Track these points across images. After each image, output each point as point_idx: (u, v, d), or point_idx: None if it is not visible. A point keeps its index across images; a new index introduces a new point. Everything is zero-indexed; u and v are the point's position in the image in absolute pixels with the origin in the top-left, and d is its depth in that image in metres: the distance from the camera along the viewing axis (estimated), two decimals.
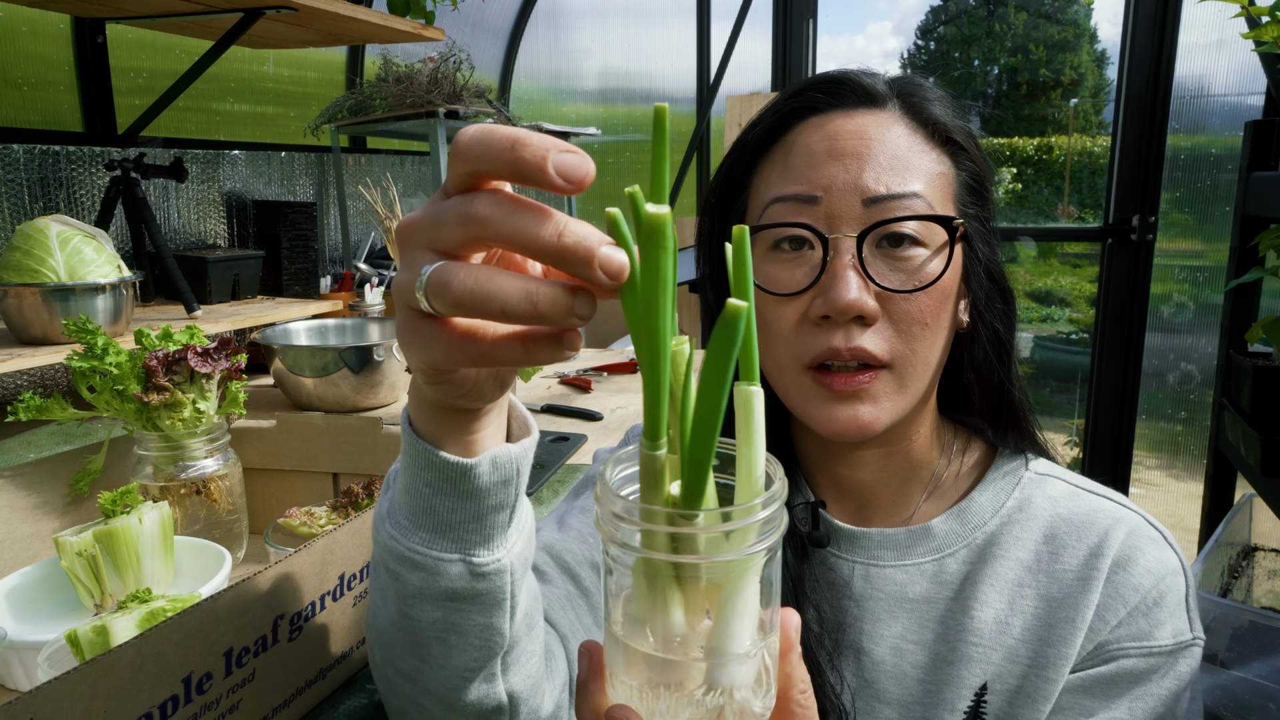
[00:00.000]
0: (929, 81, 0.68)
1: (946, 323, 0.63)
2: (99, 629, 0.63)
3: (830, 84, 0.65)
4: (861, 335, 0.60)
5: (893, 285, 0.60)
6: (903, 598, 0.67)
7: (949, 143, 0.64)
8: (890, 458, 0.69)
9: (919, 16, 4.23)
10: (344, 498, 0.93)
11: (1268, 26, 1.45)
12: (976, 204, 0.65)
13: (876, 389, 0.61)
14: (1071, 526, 0.66)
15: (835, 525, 0.70)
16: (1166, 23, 2.72)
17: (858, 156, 0.61)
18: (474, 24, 3.42)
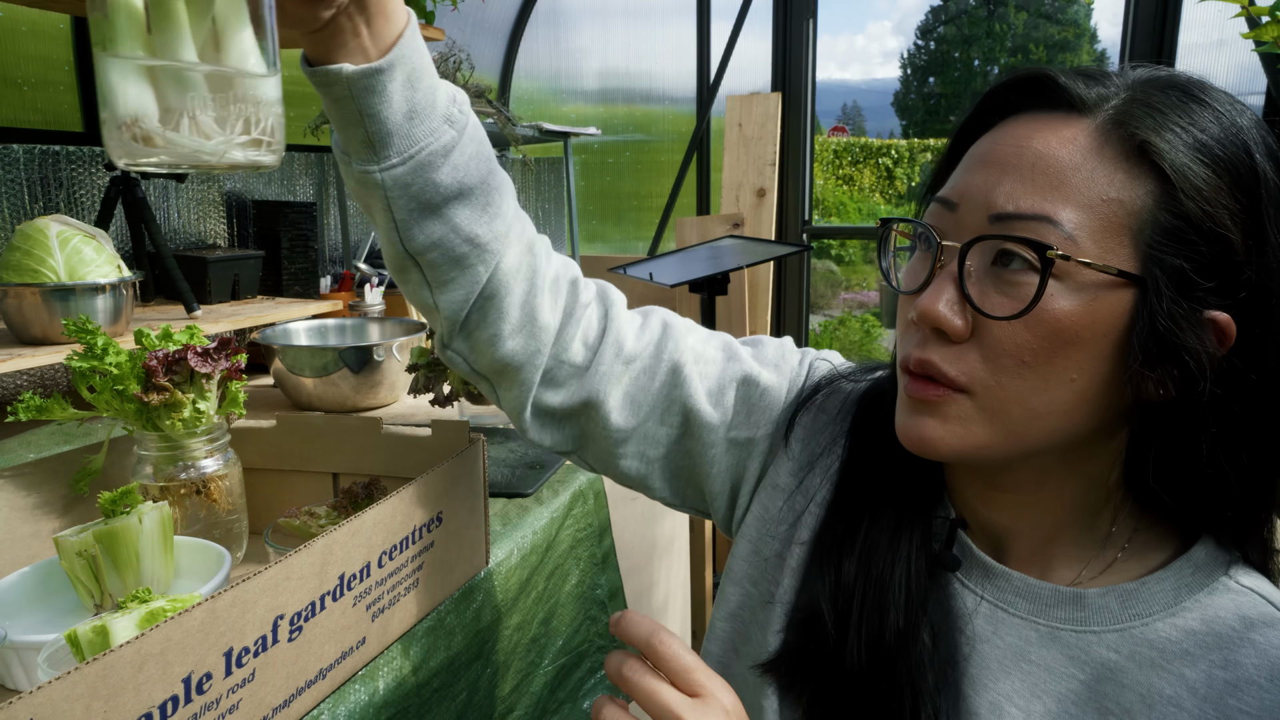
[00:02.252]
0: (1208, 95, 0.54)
1: (1075, 373, 0.53)
2: (99, 629, 0.63)
3: (1027, 83, 0.58)
4: (938, 350, 0.56)
5: (985, 307, 0.54)
6: (1023, 656, 0.59)
7: (1153, 166, 0.52)
8: (1027, 508, 0.61)
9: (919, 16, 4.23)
10: (344, 498, 0.93)
11: (1268, 26, 1.45)
12: (1178, 253, 0.52)
13: (949, 408, 0.56)
14: (1265, 661, 0.53)
15: (974, 551, 0.62)
16: (1166, 23, 2.72)
17: (1002, 166, 0.55)
18: (474, 24, 3.42)
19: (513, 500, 1.11)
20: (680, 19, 3.65)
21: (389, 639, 0.78)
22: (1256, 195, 0.53)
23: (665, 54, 3.75)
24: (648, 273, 2.13)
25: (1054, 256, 0.51)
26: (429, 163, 0.62)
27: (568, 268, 0.74)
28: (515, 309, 0.69)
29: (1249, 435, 0.55)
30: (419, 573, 0.81)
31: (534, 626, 1.02)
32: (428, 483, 0.79)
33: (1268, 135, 0.55)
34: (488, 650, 0.92)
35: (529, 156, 3.10)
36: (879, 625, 0.60)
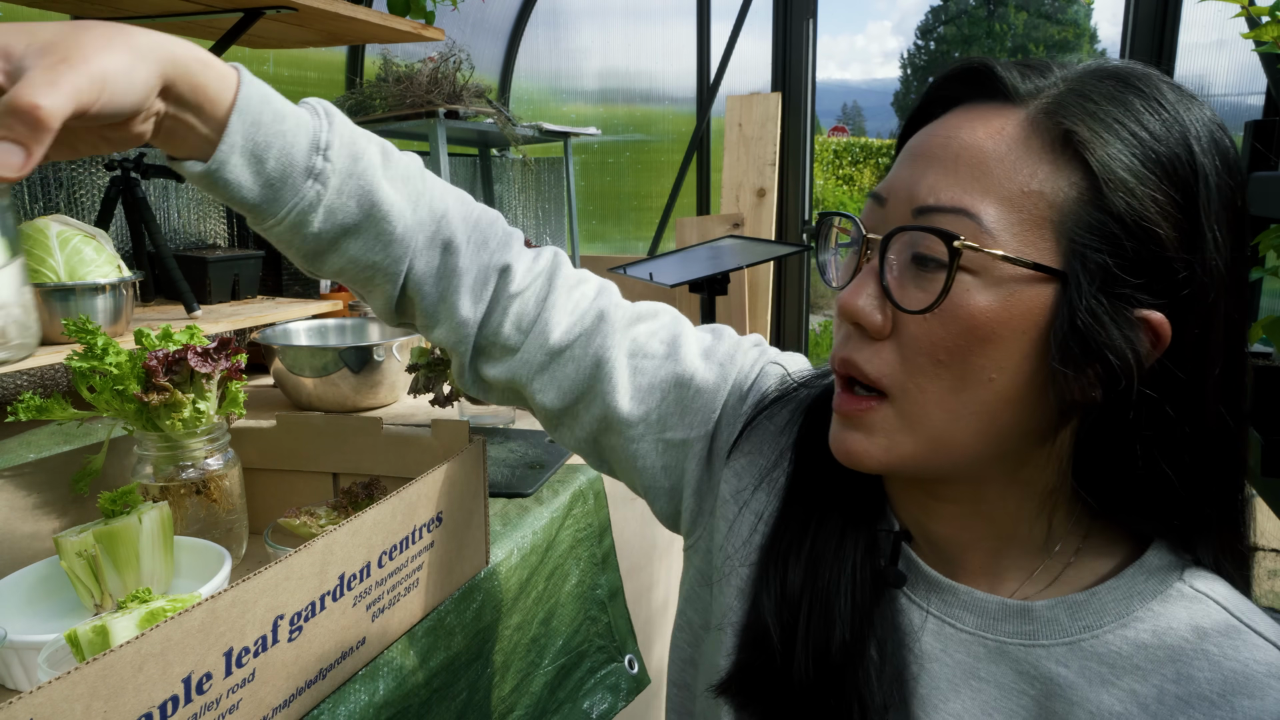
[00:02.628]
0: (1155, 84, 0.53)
1: (995, 372, 0.51)
2: (99, 629, 0.63)
3: (964, 73, 0.56)
4: (858, 349, 0.55)
5: (900, 300, 0.53)
6: (973, 673, 0.57)
7: (1080, 162, 0.50)
8: (969, 519, 0.59)
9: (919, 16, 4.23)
10: (344, 498, 0.93)
11: (1268, 26, 1.45)
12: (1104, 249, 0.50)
13: (873, 420, 0.55)
14: (1218, 674, 0.51)
15: (919, 565, 0.61)
16: (1166, 23, 2.72)
17: (928, 159, 0.54)
18: (474, 24, 3.42)
19: (513, 500, 1.11)
20: (680, 19, 3.65)
21: (389, 639, 0.78)
22: (1193, 191, 0.51)
23: (665, 54, 3.75)
24: (648, 273, 2.13)
25: (961, 247, 0.50)
26: (301, 221, 0.62)
27: (502, 253, 0.71)
28: (432, 307, 0.70)
29: (1188, 437, 0.53)
30: (419, 573, 0.81)
31: (534, 626, 1.02)
32: (428, 483, 0.79)
33: (1218, 131, 0.53)
34: (488, 650, 0.92)
35: (529, 156, 3.10)
36: (825, 638, 0.59)
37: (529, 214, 3.66)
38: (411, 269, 0.68)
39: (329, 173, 0.62)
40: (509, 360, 0.72)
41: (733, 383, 0.71)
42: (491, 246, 0.71)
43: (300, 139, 0.61)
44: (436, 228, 0.68)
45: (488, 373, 0.73)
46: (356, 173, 0.63)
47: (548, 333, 0.71)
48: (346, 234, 0.65)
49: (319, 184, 0.62)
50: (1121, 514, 0.56)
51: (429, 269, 0.69)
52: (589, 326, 0.71)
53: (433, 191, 0.69)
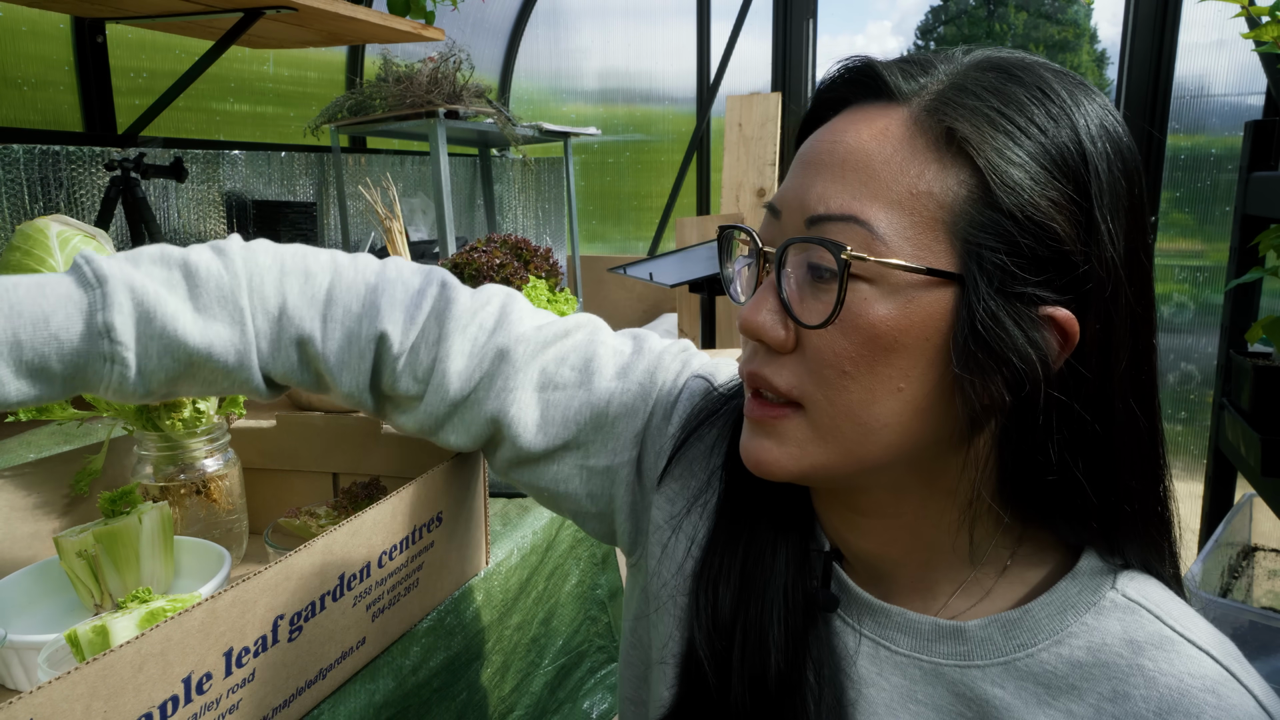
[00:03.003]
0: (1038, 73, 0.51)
1: (902, 381, 0.50)
2: (99, 629, 0.63)
3: (848, 73, 0.55)
4: (766, 363, 0.53)
5: (799, 314, 0.51)
6: (910, 696, 0.56)
7: (966, 159, 0.49)
8: (892, 533, 0.57)
9: (919, 16, 4.23)
10: (344, 498, 0.93)
11: (1268, 26, 1.45)
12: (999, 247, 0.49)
13: (785, 428, 0.53)
14: (1154, 692, 0.50)
15: (851, 587, 0.59)
16: (1166, 23, 2.72)
17: (817, 166, 0.52)
18: (474, 24, 3.42)
19: (513, 500, 1.11)
20: (680, 19, 3.65)
21: (389, 639, 0.78)
22: (1084, 183, 0.49)
23: (665, 54, 3.75)
24: (648, 273, 2.13)
25: (849, 258, 0.48)
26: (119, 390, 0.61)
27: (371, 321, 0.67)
28: (313, 388, 0.69)
29: (1100, 436, 0.51)
30: (419, 573, 0.81)
31: (534, 626, 1.02)
32: (428, 483, 0.79)
33: (1109, 119, 0.51)
34: (488, 650, 0.92)
35: (529, 156, 3.10)
36: (761, 668, 0.57)
37: (529, 214, 3.65)
38: (270, 373, 0.66)
39: (122, 350, 0.59)
40: (414, 411, 0.70)
41: (654, 401, 0.68)
42: (355, 317, 0.67)
43: (74, 329, 0.58)
44: (278, 330, 0.65)
45: (398, 421, 0.71)
46: (154, 334, 0.60)
47: (446, 385, 0.68)
48: (175, 382, 0.63)
49: (117, 365, 0.59)
50: (1044, 521, 0.54)
51: (289, 365, 0.66)
52: (489, 369, 0.68)
53: (263, 292, 0.65)
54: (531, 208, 3.66)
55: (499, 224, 3.39)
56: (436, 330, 0.68)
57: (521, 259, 1.32)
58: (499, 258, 1.29)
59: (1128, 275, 0.50)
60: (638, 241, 3.97)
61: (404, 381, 0.68)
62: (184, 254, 0.63)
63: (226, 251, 0.65)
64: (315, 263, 0.68)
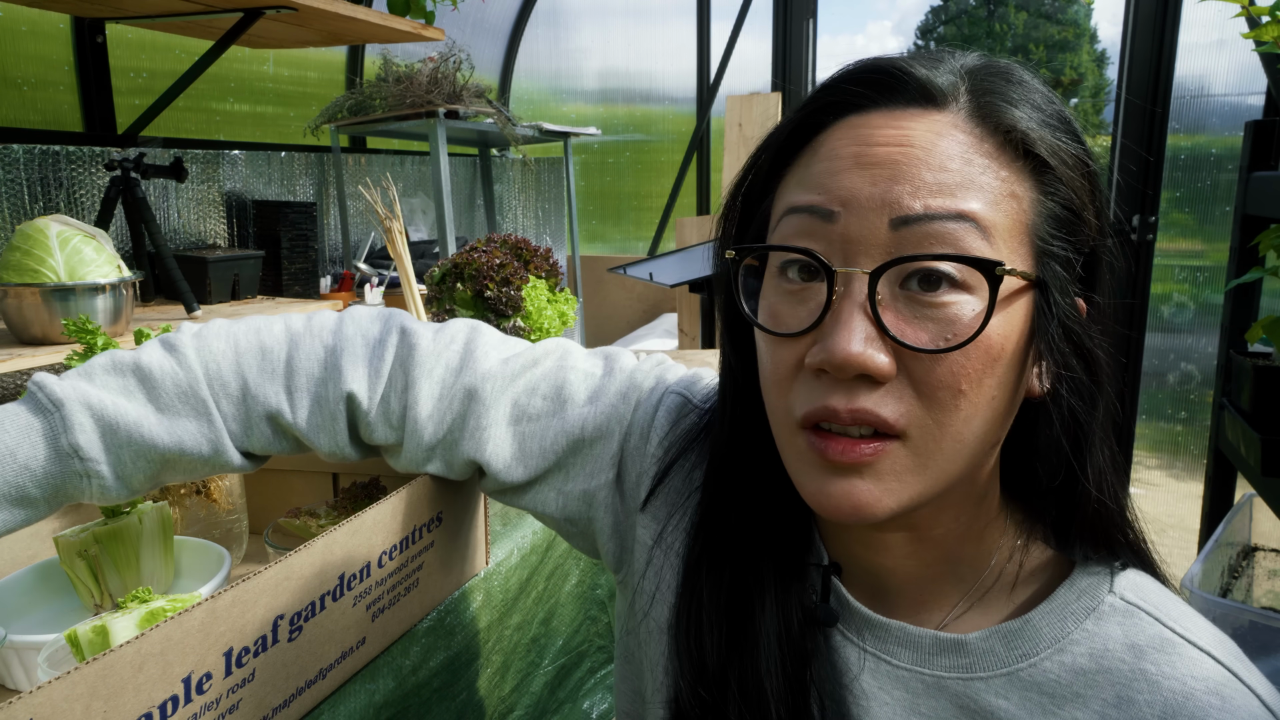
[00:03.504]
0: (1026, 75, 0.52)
1: (996, 389, 0.48)
2: (99, 629, 0.63)
3: (874, 75, 0.50)
4: (869, 395, 0.47)
5: (915, 341, 0.46)
6: (914, 709, 0.55)
7: (1029, 157, 0.48)
8: (920, 545, 0.55)
9: (919, 16, 4.23)
10: (344, 498, 0.93)
11: (1268, 26, 1.45)
12: (1065, 242, 0.49)
13: (883, 465, 0.48)
14: (1158, 697, 0.49)
15: (850, 603, 0.57)
16: (1166, 23, 2.72)
17: (892, 165, 0.47)
18: (474, 24, 3.42)
19: None
20: (680, 19, 3.65)
21: (389, 639, 0.78)
22: (1095, 177, 0.51)
23: (665, 54, 3.75)
24: (648, 273, 2.13)
25: (1002, 273, 0.45)
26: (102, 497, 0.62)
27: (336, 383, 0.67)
28: (294, 452, 0.70)
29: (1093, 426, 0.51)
30: (419, 573, 0.81)
31: (534, 626, 1.02)
32: (428, 483, 0.79)
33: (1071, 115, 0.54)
34: (488, 650, 0.92)
35: (529, 156, 3.10)
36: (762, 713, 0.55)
37: (529, 214, 3.65)
38: (248, 450, 0.67)
39: (95, 465, 0.60)
40: (397, 454, 0.71)
41: (630, 421, 0.67)
42: (319, 381, 0.67)
43: (40, 456, 0.59)
44: (245, 411, 0.66)
45: (389, 462, 0.73)
46: (121, 443, 0.61)
47: (420, 431, 0.68)
48: (156, 478, 0.64)
49: (94, 479, 0.61)
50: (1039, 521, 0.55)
51: (265, 440, 0.67)
52: (460, 410, 0.68)
53: (222, 378, 0.65)
54: (531, 208, 3.67)
55: (499, 224, 3.39)
56: (403, 378, 0.68)
57: (521, 259, 1.32)
58: (499, 258, 1.29)
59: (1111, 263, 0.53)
60: (638, 241, 3.97)
61: (380, 431, 0.69)
62: (135, 357, 0.64)
63: (178, 346, 0.65)
64: (270, 336, 0.68)
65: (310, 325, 0.70)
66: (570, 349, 0.72)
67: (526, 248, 1.33)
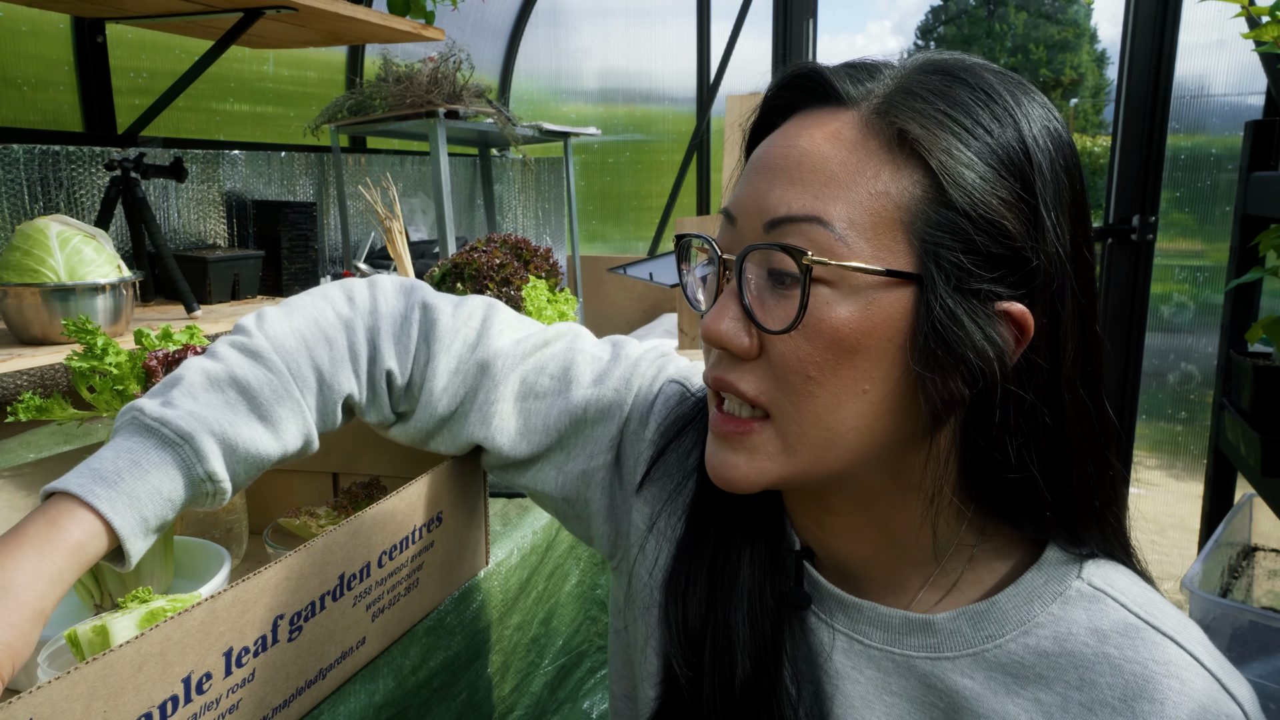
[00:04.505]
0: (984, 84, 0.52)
1: (866, 383, 0.51)
2: (98, 629, 0.63)
3: (797, 79, 0.56)
4: (731, 369, 0.53)
5: (764, 323, 0.51)
6: (885, 688, 0.57)
7: (919, 160, 0.50)
8: (866, 530, 0.58)
9: (919, 16, 4.23)
10: (344, 498, 0.93)
11: (1268, 26, 1.45)
12: (955, 245, 0.50)
13: (755, 440, 0.53)
14: (1119, 679, 0.51)
15: (822, 584, 0.60)
16: (1166, 23, 2.72)
17: (773, 171, 0.52)
18: (474, 24, 3.42)
19: (513, 500, 1.11)
20: (680, 19, 3.65)
21: (389, 639, 0.78)
22: (1030, 181, 0.50)
23: (665, 54, 3.75)
24: (648, 273, 2.13)
25: (810, 262, 0.49)
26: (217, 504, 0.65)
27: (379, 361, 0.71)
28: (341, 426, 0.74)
29: (1051, 428, 0.52)
30: (419, 573, 0.81)
31: (534, 626, 1.02)
32: (428, 483, 0.79)
33: (1049, 118, 0.53)
34: (488, 650, 0.92)
35: (529, 156, 3.10)
36: (729, 675, 0.58)
37: (529, 214, 3.66)
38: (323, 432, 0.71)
39: (222, 485, 0.63)
40: (406, 425, 0.74)
41: (630, 406, 0.70)
42: (369, 361, 0.71)
43: (180, 487, 0.61)
44: (324, 400, 0.69)
45: (390, 433, 0.76)
46: (239, 459, 0.64)
47: (434, 403, 0.71)
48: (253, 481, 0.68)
49: (219, 495, 0.64)
50: (1005, 515, 0.55)
51: (335, 422, 0.71)
52: (472, 384, 0.71)
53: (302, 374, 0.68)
54: (531, 208, 3.67)
55: (499, 224, 3.39)
56: (425, 353, 0.71)
57: (521, 259, 1.32)
58: (499, 258, 1.29)
59: (1073, 269, 0.52)
60: (638, 241, 3.97)
61: (403, 403, 0.73)
62: (228, 371, 0.65)
63: (259, 351, 0.67)
64: (326, 323, 0.71)
65: (353, 304, 0.73)
66: (581, 333, 0.76)
67: (526, 248, 1.34)
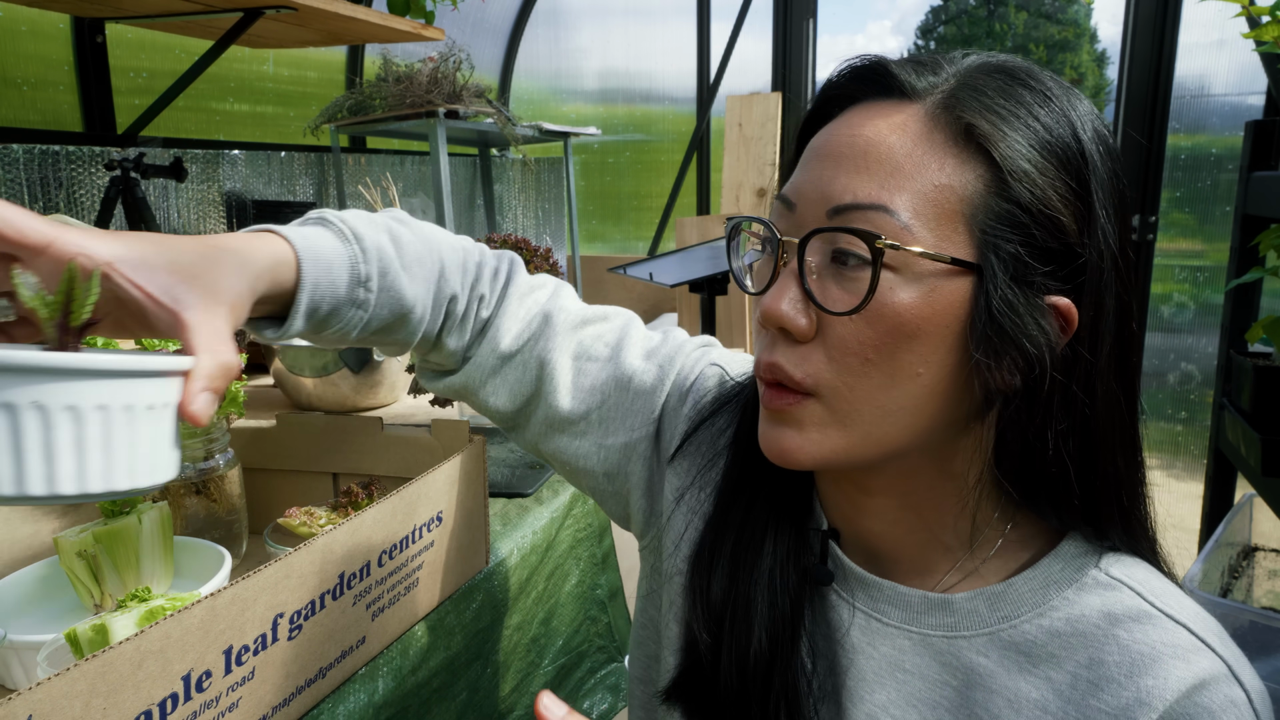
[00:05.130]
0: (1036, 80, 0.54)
1: (920, 366, 0.52)
2: (98, 628, 0.63)
3: (861, 71, 0.57)
4: (784, 351, 0.54)
5: (828, 304, 0.53)
6: (898, 665, 0.59)
7: (982, 151, 0.52)
8: (901, 512, 0.59)
9: (919, 16, 4.23)
10: (344, 498, 0.93)
11: (1268, 26, 1.45)
12: (1014, 238, 0.52)
13: (802, 415, 0.55)
14: (1126, 658, 0.53)
15: (845, 563, 0.62)
16: (1166, 23, 2.72)
17: (837, 158, 0.54)
18: (474, 24, 3.42)
19: (513, 500, 1.11)
20: (680, 19, 3.65)
21: (389, 639, 0.78)
22: (1085, 178, 0.53)
23: (665, 54, 3.75)
24: (648, 273, 2.13)
25: (883, 246, 0.50)
26: (341, 337, 0.65)
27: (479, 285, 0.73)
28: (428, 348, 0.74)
29: (1090, 419, 0.54)
30: (419, 572, 0.81)
31: (534, 626, 1.02)
32: (428, 483, 0.79)
33: (1098, 121, 0.55)
34: (488, 650, 0.92)
35: (529, 156, 3.10)
36: (745, 645, 0.60)
37: (529, 214, 3.66)
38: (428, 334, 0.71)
39: (369, 299, 0.64)
40: (468, 366, 0.74)
41: (673, 381, 0.72)
42: (471, 285, 0.72)
43: (342, 279, 0.62)
44: (438, 292, 0.70)
45: (445, 380, 0.75)
46: (386, 286, 0.65)
47: (499, 339, 0.72)
48: (377, 334, 0.67)
49: (361, 310, 0.64)
50: (1033, 505, 0.57)
51: (432, 327, 0.71)
52: (536, 330, 0.73)
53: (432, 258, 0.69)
54: (531, 208, 3.67)
55: (499, 224, 3.39)
56: (501, 295, 0.74)
57: (522, 259, 1.32)
58: None
59: (1116, 265, 0.54)
60: (638, 241, 3.97)
61: (475, 342, 0.74)
62: (383, 220, 0.67)
63: (403, 220, 0.69)
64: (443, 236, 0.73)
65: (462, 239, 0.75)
66: (635, 318, 0.79)
67: (526, 248, 1.34)
